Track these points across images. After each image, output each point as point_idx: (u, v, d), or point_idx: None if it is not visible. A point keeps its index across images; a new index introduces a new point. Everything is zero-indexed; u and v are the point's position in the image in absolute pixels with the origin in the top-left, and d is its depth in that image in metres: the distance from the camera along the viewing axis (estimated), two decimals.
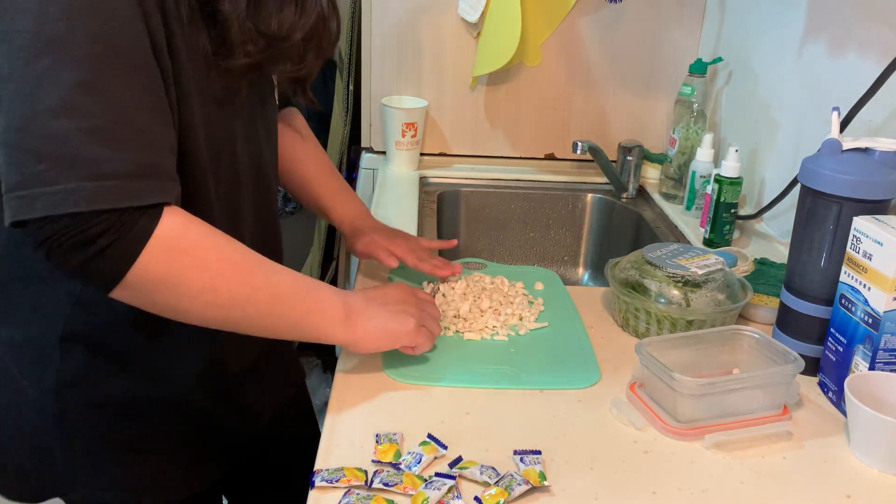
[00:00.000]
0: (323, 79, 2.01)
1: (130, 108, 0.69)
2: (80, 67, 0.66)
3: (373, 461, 0.78)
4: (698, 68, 1.59)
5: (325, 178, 1.15)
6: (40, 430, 0.89)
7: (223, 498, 1.18)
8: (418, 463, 0.77)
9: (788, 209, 1.33)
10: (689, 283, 1.01)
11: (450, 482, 0.74)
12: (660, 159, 1.73)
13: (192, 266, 0.74)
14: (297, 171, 1.13)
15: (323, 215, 1.16)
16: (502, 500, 0.72)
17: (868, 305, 0.86)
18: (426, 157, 1.84)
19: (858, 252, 0.87)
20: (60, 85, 0.65)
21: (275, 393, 1.08)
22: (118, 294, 0.73)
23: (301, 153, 1.13)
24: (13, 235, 0.84)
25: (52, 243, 0.68)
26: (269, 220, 0.99)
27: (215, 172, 0.85)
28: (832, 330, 0.92)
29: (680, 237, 1.49)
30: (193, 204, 0.80)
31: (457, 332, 1.03)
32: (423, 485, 0.74)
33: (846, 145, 0.93)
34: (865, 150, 0.92)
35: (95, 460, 0.91)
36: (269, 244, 0.98)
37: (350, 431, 0.83)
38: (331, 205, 1.14)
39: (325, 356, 2.45)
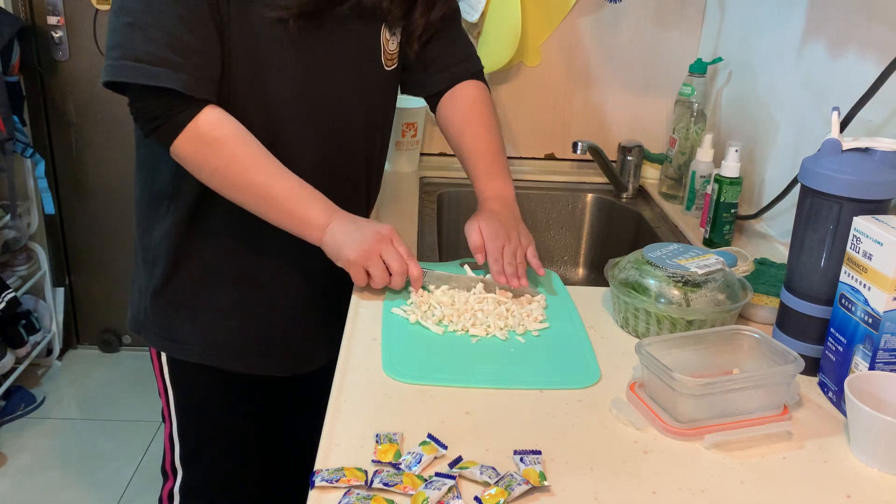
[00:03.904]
0: None
1: (165, 17, 0.97)
2: None
3: (373, 461, 0.78)
4: (698, 68, 1.59)
5: (477, 156, 1.23)
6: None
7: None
8: (418, 463, 0.77)
9: (788, 209, 1.33)
10: (689, 283, 1.01)
11: (450, 482, 0.74)
12: (660, 159, 1.73)
13: (207, 155, 1.02)
14: (458, 143, 1.25)
15: (474, 188, 1.24)
16: (502, 500, 0.72)
17: (868, 305, 0.86)
18: (426, 157, 1.84)
19: (858, 252, 0.87)
20: None
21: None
22: (174, 158, 1.03)
23: (462, 128, 1.24)
24: None
25: (132, 111, 1.02)
26: (340, 159, 1.16)
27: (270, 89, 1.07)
28: (832, 330, 0.92)
29: (680, 237, 1.49)
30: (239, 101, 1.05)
31: (454, 330, 1.03)
32: (423, 485, 0.74)
33: (846, 145, 0.93)
34: (865, 150, 0.92)
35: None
36: (335, 180, 1.12)
37: (350, 431, 0.83)
38: (474, 180, 1.22)
39: None
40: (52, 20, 2.32)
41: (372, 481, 0.75)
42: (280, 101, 1.08)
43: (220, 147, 1.01)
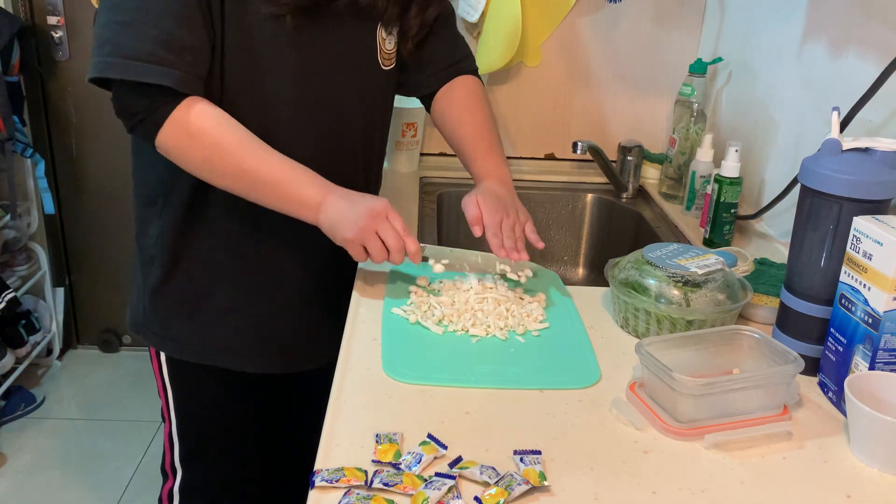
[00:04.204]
0: None
1: (161, 16, 0.96)
2: None
3: (373, 461, 0.78)
4: (698, 68, 1.59)
5: (474, 141, 1.24)
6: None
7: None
8: (418, 463, 0.77)
9: (788, 209, 1.33)
10: (689, 283, 1.01)
11: (450, 482, 0.74)
12: (660, 159, 1.73)
13: (193, 145, 1.01)
14: (453, 132, 1.27)
15: (470, 173, 1.25)
16: (502, 500, 0.72)
17: (868, 305, 0.86)
18: (426, 157, 1.84)
19: (858, 252, 0.87)
20: None
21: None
22: (161, 152, 1.03)
23: (458, 117, 1.26)
24: None
25: (115, 107, 1.03)
26: (339, 159, 1.16)
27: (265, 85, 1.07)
28: (832, 330, 0.92)
29: (680, 237, 1.49)
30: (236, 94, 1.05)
31: (454, 330, 1.03)
32: (423, 485, 0.74)
33: (846, 145, 0.93)
34: (865, 150, 0.92)
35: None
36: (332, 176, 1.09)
37: (350, 431, 0.83)
38: (471, 164, 1.24)
39: None
40: (52, 20, 2.32)
41: (372, 481, 0.75)
42: (278, 102, 1.08)
43: (206, 136, 1.01)
